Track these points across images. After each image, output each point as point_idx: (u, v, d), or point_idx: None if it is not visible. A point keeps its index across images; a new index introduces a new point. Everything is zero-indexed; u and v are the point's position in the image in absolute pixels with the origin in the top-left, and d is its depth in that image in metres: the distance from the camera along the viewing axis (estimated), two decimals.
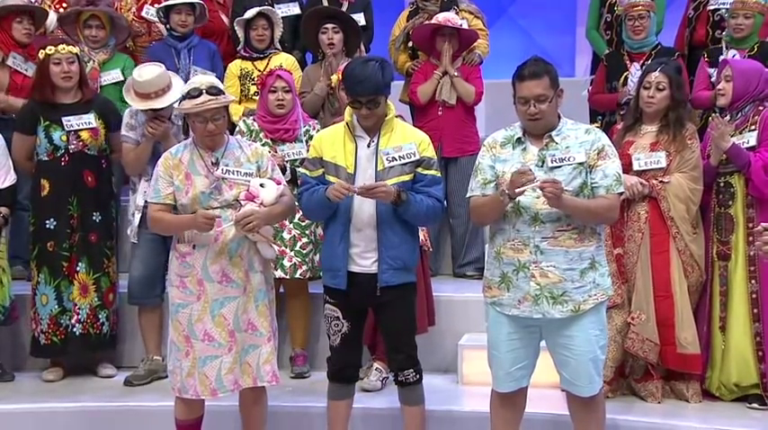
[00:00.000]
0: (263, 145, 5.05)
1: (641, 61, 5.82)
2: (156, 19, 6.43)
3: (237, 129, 5.31)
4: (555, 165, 3.78)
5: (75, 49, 5.29)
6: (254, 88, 5.93)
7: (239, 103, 6.06)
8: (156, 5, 6.46)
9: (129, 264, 5.39)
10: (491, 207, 3.85)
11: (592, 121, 6.19)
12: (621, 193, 3.91)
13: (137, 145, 5.12)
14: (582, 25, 7.15)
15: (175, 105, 4.11)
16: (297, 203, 4.51)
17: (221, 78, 6.02)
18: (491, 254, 3.95)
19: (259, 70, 5.95)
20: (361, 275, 4.08)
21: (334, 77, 5.39)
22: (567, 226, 3.77)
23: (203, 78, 4.21)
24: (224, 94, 4.14)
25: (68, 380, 5.35)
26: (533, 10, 9.64)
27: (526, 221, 3.78)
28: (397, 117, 4.22)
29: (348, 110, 4.14)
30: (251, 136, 5.23)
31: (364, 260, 4.07)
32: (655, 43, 5.99)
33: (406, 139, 4.08)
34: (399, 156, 4.02)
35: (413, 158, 4.03)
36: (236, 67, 6.12)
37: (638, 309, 4.74)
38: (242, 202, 4.08)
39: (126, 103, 5.36)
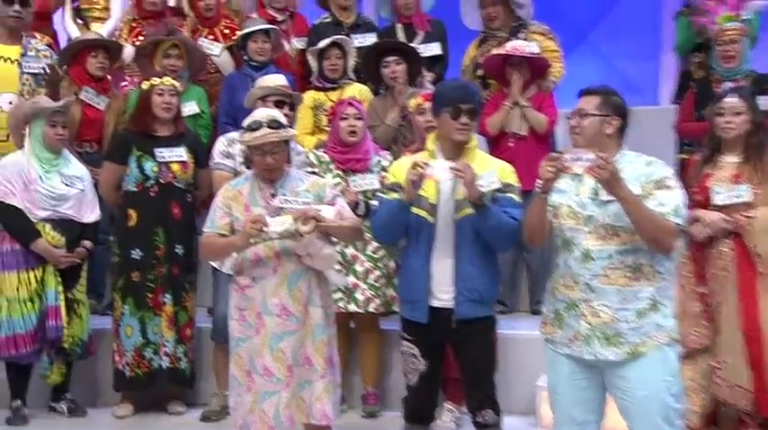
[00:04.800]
0: (334, 176, 5.12)
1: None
2: (212, 50, 6.47)
3: (309, 161, 5.28)
4: (608, 198, 3.55)
5: (177, 84, 5.43)
6: (326, 119, 5.90)
7: (311, 134, 6.03)
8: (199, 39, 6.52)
9: (214, 299, 5.34)
10: (531, 210, 3.74)
11: (680, 152, 6.01)
12: (680, 226, 3.62)
13: (233, 174, 5.02)
14: (668, 52, 6.97)
15: (236, 137, 4.12)
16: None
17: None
18: (548, 288, 3.81)
19: (332, 101, 5.90)
20: (439, 310, 4.02)
21: (413, 101, 5.29)
22: (621, 263, 3.56)
23: (265, 111, 4.25)
24: (285, 127, 4.16)
25: (139, 417, 5.36)
26: (615, 35, 9.44)
27: (577, 257, 3.61)
28: None
29: (431, 137, 4.11)
30: (321, 167, 5.21)
31: (443, 293, 4.02)
32: (748, 71, 5.73)
33: (485, 168, 4.03)
34: (480, 185, 3.92)
35: (493, 187, 3.97)
36: (308, 97, 6.06)
37: (724, 353, 4.48)
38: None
39: (206, 137, 5.63)
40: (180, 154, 5.29)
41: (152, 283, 5.22)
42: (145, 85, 5.33)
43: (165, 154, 5.25)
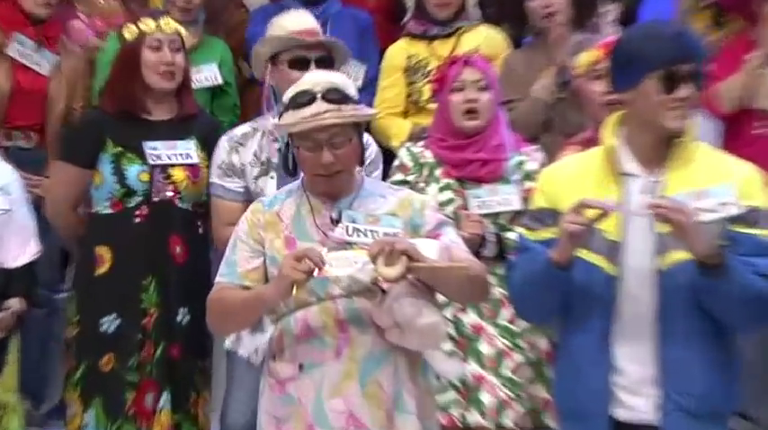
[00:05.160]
0: (441, 189, 5.13)
1: None
2: None
3: (398, 162, 5.29)
4: None
5: (182, 30, 5.41)
6: (429, 90, 5.84)
7: (405, 115, 6.06)
8: None
9: (226, 394, 5.34)
10: None
11: None
12: None
13: (244, 204, 4.89)
14: None
15: (272, 120, 4.35)
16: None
17: (377, 72, 6.30)
18: None
19: (439, 57, 5.92)
20: (631, 428, 3.86)
21: (583, 58, 5.18)
22: None
23: (320, 76, 4.09)
24: (353, 102, 3.99)
25: None
26: None
27: None
28: None
29: (611, 122, 3.91)
30: (420, 173, 5.21)
31: (636, 397, 3.85)
32: None
33: (713, 178, 3.85)
34: (701, 209, 3.73)
35: (729, 212, 3.79)
36: (399, 52, 6.15)
37: None
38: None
39: (231, 123, 5.82)
40: (187, 151, 5.27)
41: (134, 374, 5.16)
42: (129, 33, 5.25)
43: (161, 151, 5.23)
